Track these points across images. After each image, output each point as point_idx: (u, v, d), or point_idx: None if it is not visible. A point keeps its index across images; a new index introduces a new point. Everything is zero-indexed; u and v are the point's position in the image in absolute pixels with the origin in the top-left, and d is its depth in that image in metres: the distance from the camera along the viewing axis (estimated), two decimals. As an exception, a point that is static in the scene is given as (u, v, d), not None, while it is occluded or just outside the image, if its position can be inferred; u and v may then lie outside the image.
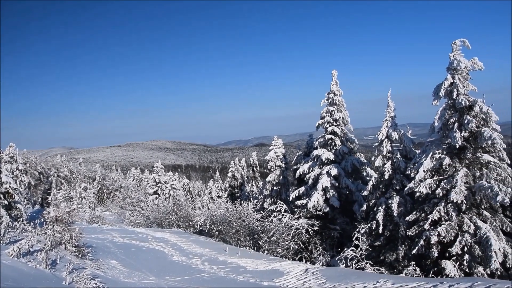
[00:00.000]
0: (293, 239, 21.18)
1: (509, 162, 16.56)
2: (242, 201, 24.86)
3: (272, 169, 29.21)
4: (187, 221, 29.54)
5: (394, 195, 18.97)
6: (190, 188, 71.85)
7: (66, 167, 71.77)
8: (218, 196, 52.28)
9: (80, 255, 14.70)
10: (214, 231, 24.12)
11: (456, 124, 16.36)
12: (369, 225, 19.32)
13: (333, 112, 24.06)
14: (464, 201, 15.69)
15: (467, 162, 16.55)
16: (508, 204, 14.99)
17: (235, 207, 23.74)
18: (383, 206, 19.11)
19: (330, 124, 24.06)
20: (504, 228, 15.83)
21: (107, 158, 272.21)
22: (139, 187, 58.66)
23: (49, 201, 50.37)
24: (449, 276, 14.93)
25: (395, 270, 17.82)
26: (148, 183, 53.47)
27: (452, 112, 16.78)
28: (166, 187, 48.79)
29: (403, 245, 18.27)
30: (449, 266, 15.38)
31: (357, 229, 18.69)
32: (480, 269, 15.28)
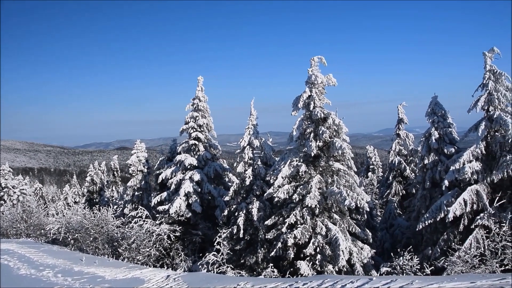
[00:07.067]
0: (155, 245, 20.76)
1: (355, 169, 18.44)
2: (101, 207, 23.65)
3: (134, 174, 28.33)
4: (39, 230, 27.20)
5: (255, 200, 19.74)
6: (43, 193, 66.27)
7: None
8: (75, 202, 49.12)
9: None
10: (69, 239, 22.56)
11: (312, 134, 17.67)
12: (230, 229, 19.80)
13: (197, 118, 24.24)
14: (318, 205, 16.99)
15: (320, 169, 17.95)
16: (354, 207, 16.63)
17: (93, 213, 22.49)
18: (244, 211, 19.75)
19: (194, 130, 24.19)
20: (350, 229, 17.56)
21: None
22: (-20, 192, 52.26)
23: None
24: (304, 275, 15.99)
25: (255, 273, 18.54)
26: (-8, 188, 47.91)
27: (309, 123, 18.09)
28: (14, 192, 44.38)
29: (262, 248, 19.09)
30: (303, 266, 16.48)
31: (219, 234, 18.99)
32: (330, 267, 16.69)
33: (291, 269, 16.97)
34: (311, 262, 16.86)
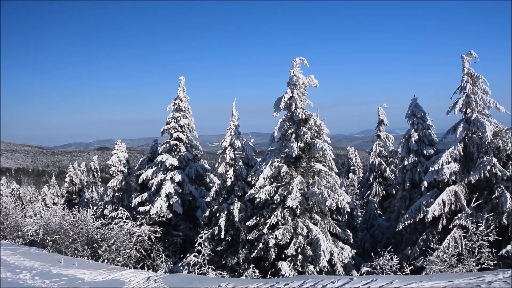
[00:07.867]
0: (135, 246, 20.57)
1: (336, 170, 18.59)
2: (80, 208, 23.32)
3: (114, 174, 28.06)
4: (16, 231, 26.66)
5: (236, 201, 19.71)
6: (20, 194, 65.00)
7: None
8: (54, 203, 48.37)
9: None
10: (47, 241, 22.16)
11: (293, 135, 17.74)
12: (211, 230, 19.75)
13: (178, 118, 24.15)
14: (299, 206, 17.05)
15: (302, 170, 18.02)
16: (335, 208, 16.75)
17: (72, 214, 22.15)
18: (225, 212, 19.72)
19: (176, 130, 24.10)
20: (331, 230, 17.67)
21: None
22: (-46, 194, 51.07)
23: None
24: (285, 275, 16.03)
25: (236, 273, 18.51)
26: (-34, 189, 46.94)
27: (290, 123, 18.15)
28: (-10, 193, 43.53)
29: (243, 249, 19.08)
30: (285, 267, 16.52)
31: (200, 235, 18.92)
32: (311, 267, 16.76)
33: (273, 270, 16.99)
34: (292, 263, 16.91)
